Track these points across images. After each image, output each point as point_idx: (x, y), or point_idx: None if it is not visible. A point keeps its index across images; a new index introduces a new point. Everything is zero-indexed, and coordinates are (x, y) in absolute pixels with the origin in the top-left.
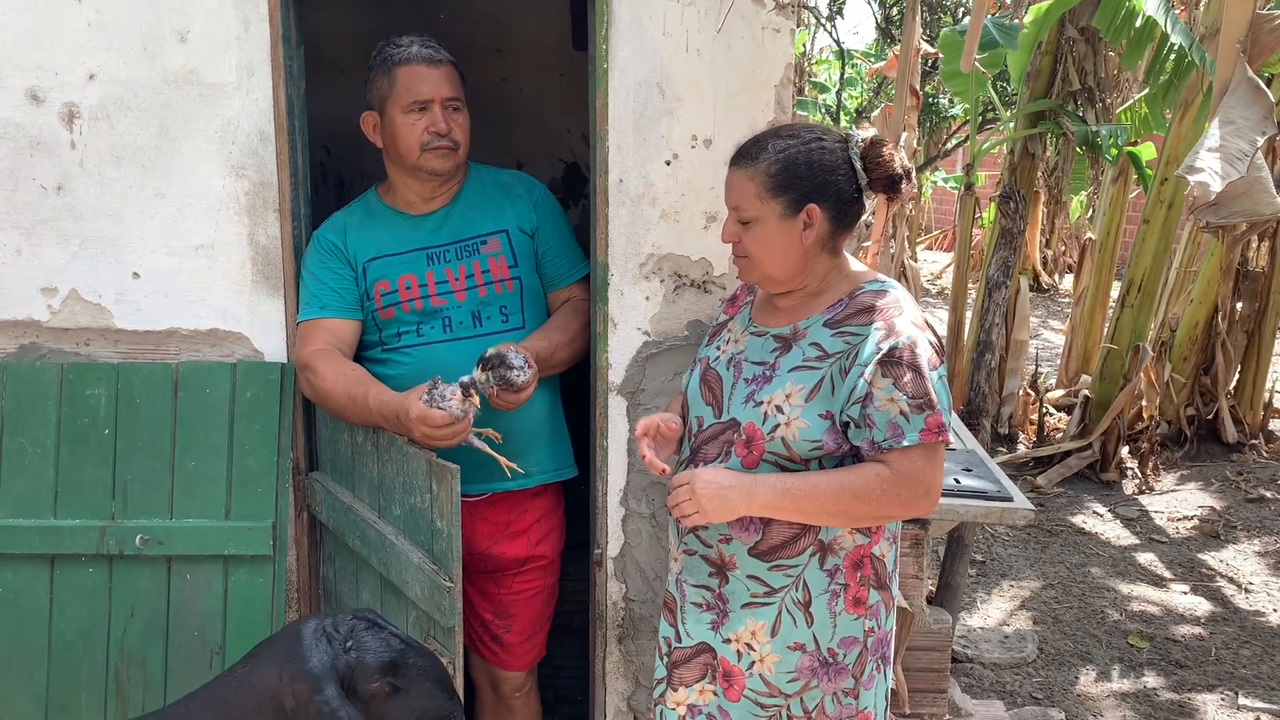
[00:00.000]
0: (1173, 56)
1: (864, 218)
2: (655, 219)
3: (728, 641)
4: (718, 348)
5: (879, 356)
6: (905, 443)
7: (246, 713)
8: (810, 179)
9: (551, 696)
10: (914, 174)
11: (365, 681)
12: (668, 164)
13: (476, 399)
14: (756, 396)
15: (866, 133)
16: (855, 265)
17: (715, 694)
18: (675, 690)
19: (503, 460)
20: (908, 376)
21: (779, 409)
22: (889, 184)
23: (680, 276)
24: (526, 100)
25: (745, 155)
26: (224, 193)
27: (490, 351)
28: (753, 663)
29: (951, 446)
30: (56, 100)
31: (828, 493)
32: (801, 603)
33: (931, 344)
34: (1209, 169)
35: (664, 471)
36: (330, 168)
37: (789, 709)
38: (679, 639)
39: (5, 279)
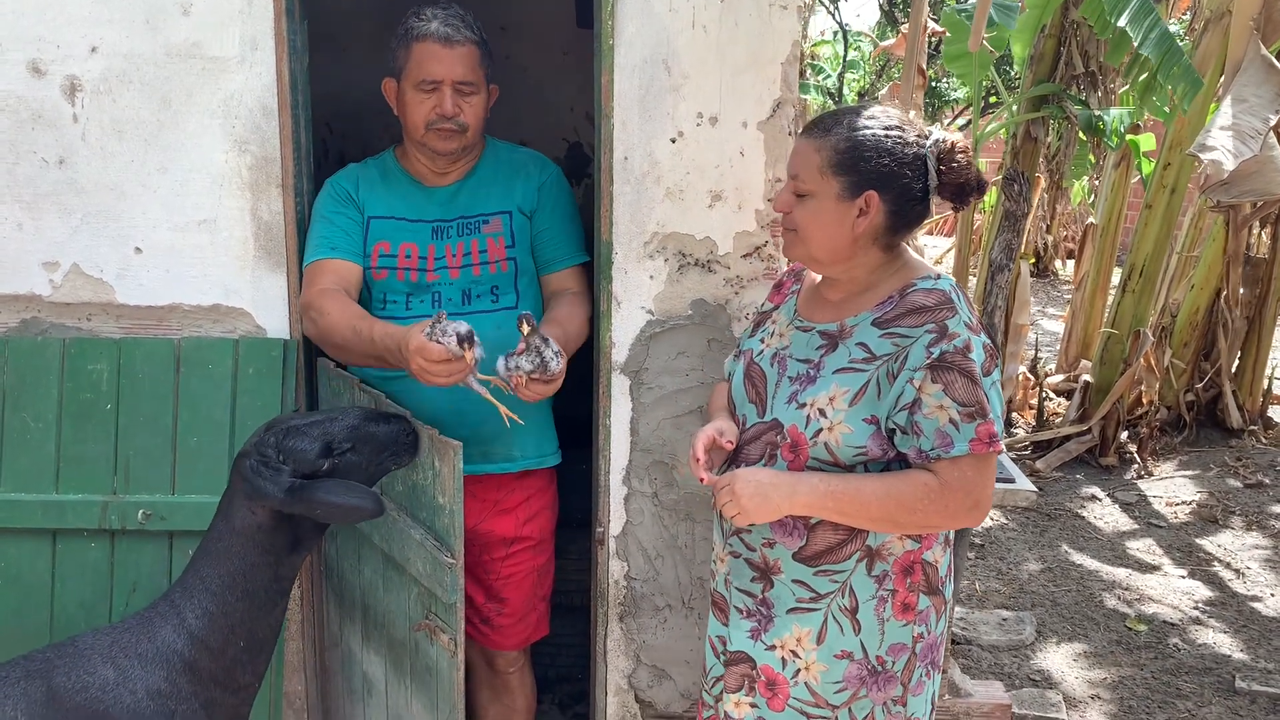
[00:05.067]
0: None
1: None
2: (660, 197)
3: (771, 648)
4: (761, 340)
5: (929, 361)
6: (954, 452)
7: (244, 551)
8: (877, 166)
9: (553, 675)
10: (985, 189)
11: (312, 469)
12: (673, 142)
13: (473, 353)
14: (800, 398)
15: (951, 135)
16: (912, 258)
17: (753, 706)
18: (729, 692)
19: (503, 409)
20: (959, 383)
21: (822, 412)
22: (958, 192)
23: (684, 255)
24: (530, 79)
25: (819, 126)
26: (226, 167)
27: (527, 312)
28: (798, 670)
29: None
30: (58, 73)
31: (872, 498)
32: (848, 609)
33: (986, 347)
34: (1221, 147)
35: (709, 482)
36: (333, 145)
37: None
38: (729, 642)
39: (6, 253)
